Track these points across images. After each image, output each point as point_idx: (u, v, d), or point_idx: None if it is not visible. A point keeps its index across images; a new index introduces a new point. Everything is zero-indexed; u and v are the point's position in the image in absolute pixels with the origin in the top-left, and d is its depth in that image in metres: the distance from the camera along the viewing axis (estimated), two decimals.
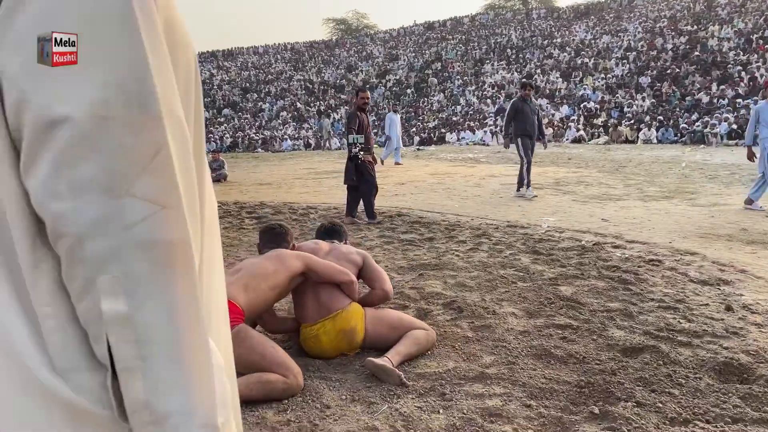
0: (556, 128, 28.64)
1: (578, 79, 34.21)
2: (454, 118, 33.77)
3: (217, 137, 33.66)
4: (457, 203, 8.80)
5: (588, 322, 3.52)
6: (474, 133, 29.51)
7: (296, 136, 33.84)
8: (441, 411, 2.45)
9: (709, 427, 2.30)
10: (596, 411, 2.39)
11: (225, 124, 39.26)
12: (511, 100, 10.09)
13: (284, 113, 40.48)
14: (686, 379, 2.70)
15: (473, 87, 37.96)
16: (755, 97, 24.87)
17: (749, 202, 7.81)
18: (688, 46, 32.95)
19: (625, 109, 28.81)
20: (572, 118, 29.44)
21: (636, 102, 29.09)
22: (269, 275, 2.94)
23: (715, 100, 26.65)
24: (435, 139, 29.54)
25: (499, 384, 2.69)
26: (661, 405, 2.45)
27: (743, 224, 6.71)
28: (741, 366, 2.81)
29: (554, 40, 41.62)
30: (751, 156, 8.18)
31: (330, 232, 3.79)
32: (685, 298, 4.02)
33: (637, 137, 24.39)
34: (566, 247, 5.60)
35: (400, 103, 39.53)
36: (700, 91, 28.00)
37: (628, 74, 32.78)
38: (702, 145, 21.74)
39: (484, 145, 27.07)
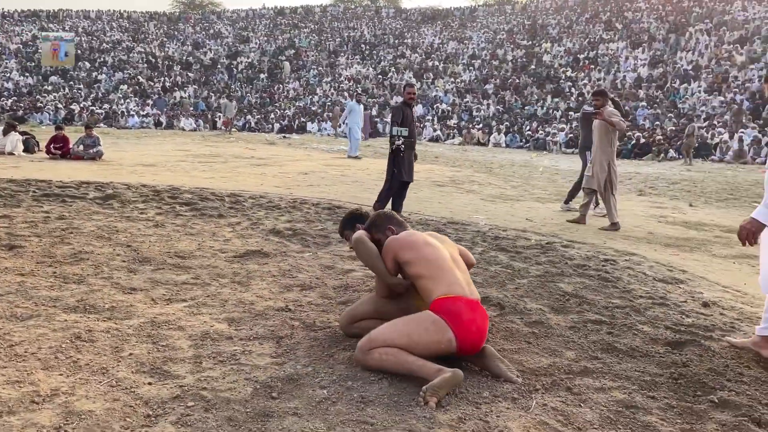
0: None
1: (430, 80, 35.85)
2: (313, 108, 33.69)
3: (50, 108, 30.23)
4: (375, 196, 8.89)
5: (614, 318, 3.86)
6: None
7: (142, 113, 31.49)
8: (582, 405, 2.60)
9: None
10: (715, 400, 2.69)
11: (54, 93, 35.33)
12: (582, 109, 8.83)
13: (125, 87, 37.45)
14: (744, 369, 3.12)
15: (329, 78, 38.12)
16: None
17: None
18: (525, 59, 36.01)
19: (474, 113, 30.80)
20: (427, 117, 30.83)
21: (483, 107, 31.23)
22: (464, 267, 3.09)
23: (550, 111, 29.49)
24: (296, 127, 29.24)
25: (606, 377, 2.90)
26: (750, 393, 2.82)
27: (646, 228, 7.63)
28: None
29: (405, 41, 43.13)
30: None
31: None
32: (665, 295, 4.54)
33: (488, 140, 26.25)
34: (525, 246, 5.99)
35: (253, 87, 38.48)
36: (538, 102, 30.80)
37: (475, 80, 35.03)
38: (544, 151, 24.03)
39: (345, 137, 27.33)
